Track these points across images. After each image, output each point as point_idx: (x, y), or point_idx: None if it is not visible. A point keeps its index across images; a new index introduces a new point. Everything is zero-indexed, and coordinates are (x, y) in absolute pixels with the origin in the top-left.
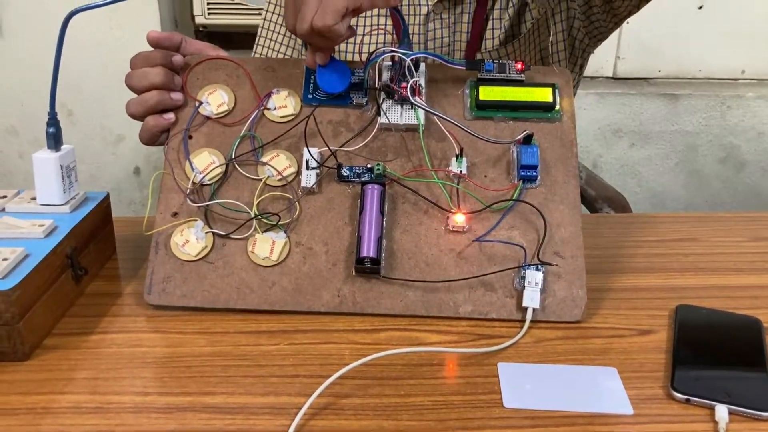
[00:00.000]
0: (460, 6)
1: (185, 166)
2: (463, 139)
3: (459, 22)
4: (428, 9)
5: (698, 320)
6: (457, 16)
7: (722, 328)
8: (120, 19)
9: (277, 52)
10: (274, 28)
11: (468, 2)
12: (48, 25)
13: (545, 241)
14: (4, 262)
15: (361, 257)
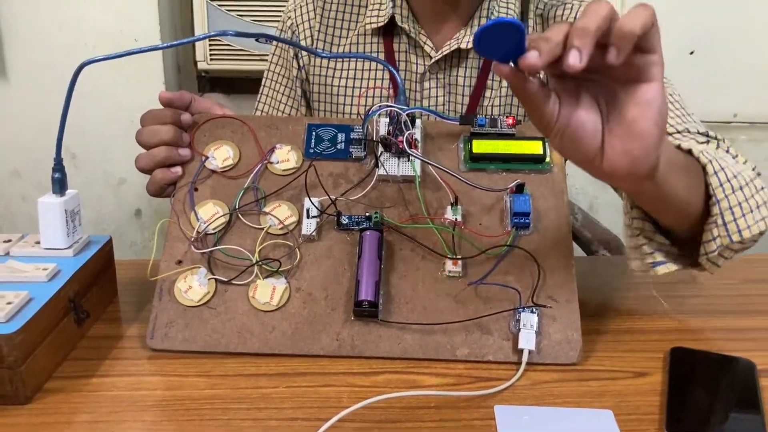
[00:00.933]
0: (456, 69)
1: (191, 217)
2: (457, 189)
3: (455, 84)
4: (424, 69)
5: (692, 363)
6: (453, 78)
7: (716, 370)
8: (124, 64)
9: (279, 102)
10: (278, 79)
11: (465, 66)
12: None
13: (539, 286)
14: (8, 306)
15: (360, 300)
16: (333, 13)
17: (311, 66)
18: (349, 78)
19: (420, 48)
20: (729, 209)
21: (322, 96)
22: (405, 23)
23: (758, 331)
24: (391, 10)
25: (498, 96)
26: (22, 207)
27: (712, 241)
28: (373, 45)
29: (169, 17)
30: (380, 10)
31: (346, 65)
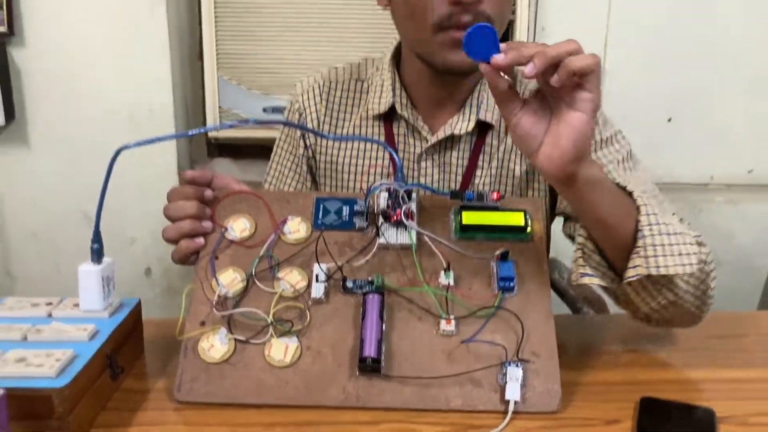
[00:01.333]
0: (450, 151)
1: (212, 282)
2: (449, 256)
3: (449, 164)
4: (421, 150)
5: (659, 411)
6: (447, 158)
7: (680, 418)
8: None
9: (286, 176)
10: (286, 156)
11: (458, 149)
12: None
13: (523, 343)
14: (57, 363)
15: (364, 357)
16: (337, 99)
17: (318, 145)
18: (353, 157)
19: (418, 132)
20: (653, 246)
21: (328, 172)
22: (404, 111)
23: (718, 382)
24: (392, 99)
25: (488, 175)
26: (38, 267)
27: (632, 269)
28: (375, 128)
29: (181, 90)
30: (381, 98)
31: (350, 145)
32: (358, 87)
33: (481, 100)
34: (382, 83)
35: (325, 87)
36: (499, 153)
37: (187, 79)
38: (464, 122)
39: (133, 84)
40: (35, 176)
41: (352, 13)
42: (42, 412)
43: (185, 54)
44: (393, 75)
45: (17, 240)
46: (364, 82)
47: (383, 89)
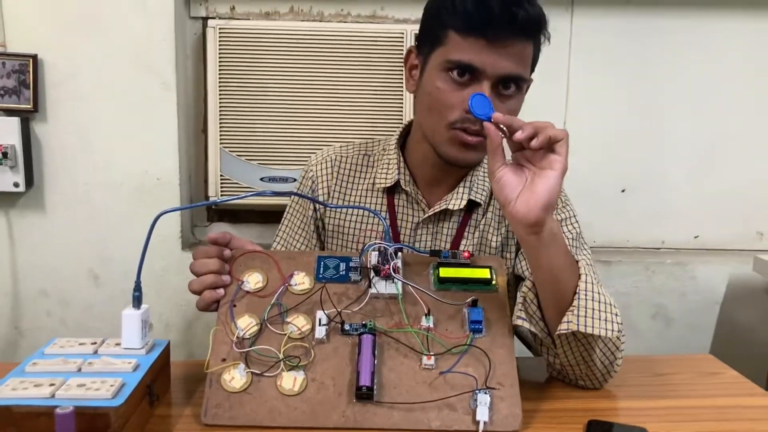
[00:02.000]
0: (442, 222)
1: (231, 326)
2: (429, 303)
3: (440, 233)
4: (418, 220)
5: (602, 430)
6: (439, 227)
7: None
8: (146, 199)
9: (295, 235)
10: (296, 216)
11: (449, 220)
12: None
13: (490, 374)
14: (112, 388)
15: (360, 386)
16: (346, 171)
17: (326, 211)
18: (356, 222)
19: (417, 204)
20: (585, 308)
21: (334, 234)
22: (407, 186)
23: (651, 409)
24: (397, 176)
25: (471, 243)
26: (47, 322)
27: (565, 323)
28: (379, 198)
29: (186, 160)
30: (388, 174)
31: (355, 212)
32: (366, 161)
33: (473, 183)
34: (389, 162)
35: (337, 160)
36: (480, 226)
37: (191, 151)
38: (457, 200)
39: (142, 156)
40: (49, 238)
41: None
42: (100, 427)
43: (191, 128)
44: (398, 155)
45: (27, 297)
46: (371, 157)
47: (389, 166)
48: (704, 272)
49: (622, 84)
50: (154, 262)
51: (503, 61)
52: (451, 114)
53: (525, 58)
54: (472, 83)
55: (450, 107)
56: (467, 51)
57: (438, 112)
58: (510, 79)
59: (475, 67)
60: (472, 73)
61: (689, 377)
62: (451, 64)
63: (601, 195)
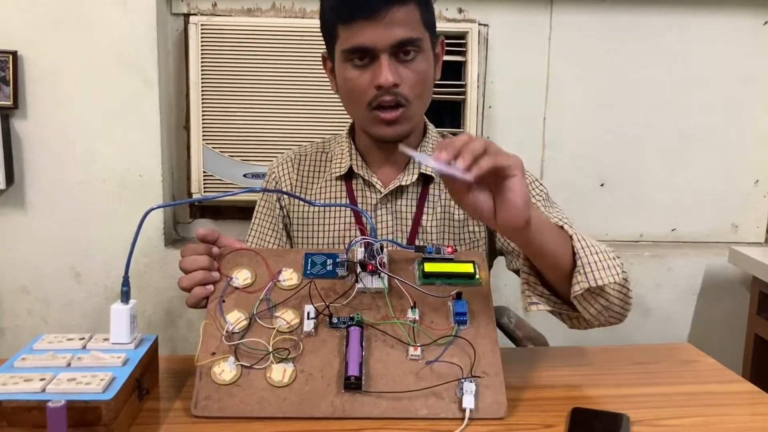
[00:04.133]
0: (399, 200)
1: (221, 321)
2: (415, 297)
3: (400, 211)
4: (376, 201)
5: (586, 417)
6: (398, 206)
7: (601, 421)
8: (128, 195)
9: (265, 235)
10: (264, 222)
11: (406, 198)
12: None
13: (475, 363)
14: (102, 382)
15: (348, 376)
16: (306, 167)
17: (291, 206)
18: (321, 211)
19: (372, 186)
20: (588, 264)
21: (300, 228)
22: (360, 170)
23: (633, 396)
24: (350, 162)
25: (434, 219)
26: (27, 320)
27: (577, 284)
28: (337, 186)
29: (168, 157)
30: (342, 162)
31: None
32: (323, 157)
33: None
34: (342, 152)
35: (296, 160)
36: (441, 201)
37: (173, 148)
38: (409, 176)
39: (124, 153)
40: (30, 236)
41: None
42: (91, 420)
43: (173, 124)
44: (350, 144)
45: (8, 295)
46: (327, 153)
47: (342, 156)
48: (681, 264)
49: (600, 80)
50: (137, 260)
51: (387, 32)
52: (364, 97)
53: (410, 20)
54: (373, 62)
55: (362, 91)
56: (354, 36)
57: (354, 100)
58: (403, 44)
59: (367, 47)
60: (367, 53)
61: (668, 365)
62: (347, 53)
63: (581, 189)
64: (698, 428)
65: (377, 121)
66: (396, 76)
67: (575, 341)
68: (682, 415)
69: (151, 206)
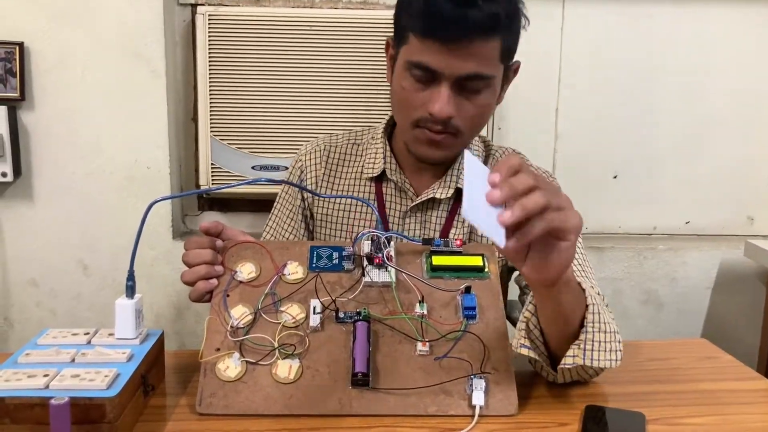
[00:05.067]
0: (431, 210)
1: (225, 316)
2: (423, 291)
3: (429, 221)
4: (406, 209)
5: (600, 415)
6: (427, 216)
7: (616, 420)
8: (135, 188)
9: (284, 225)
10: (286, 207)
11: (438, 209)
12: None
13: (485, 359)
14: (107, 378)
15: (356, 372)
16: (335, 161)
17: (315, 201)
18: (344, 211)
19: (405, 193)
20: (591, 341)
21: (323, 224)
22: (393, 175)
23: (649, 393)
24: (383, 165)
25: (461, 233)
26: (35, 313)
27: (571, 357)
28: (367, 187)
29: (176, 149)
30: (375, 163)
31: (343, 201)
32: (355, 150)
33: (460, 170)
34: (376, 151)
35: (326, 150)
36: None
37: (181, 140)
38: (444, 188)
39: (131, 145)
40: (37, 228)
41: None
42: (95, 417)
43: (180, 116)
44: (385, 144)
45: (17, 287)
46: (359, 146)
47: (376, 156)
48: (695, 258)
49: (613, 69)
50: (145, 252)
51: (460, 62)
52: (414, 113)
53: (487, 56)
54: (433, 83)
55: (414, 107)
56: (424, 53)
57: (403, 111)
58: (471, 78)
59: (433, 69)
60: (431, 73)
61: (684, 362)
62: (411, 65)
63: (593, 181)
64: (717, 427)
65: (421, 141)
66: (453, 108)
67: None
68: (699, 414)
69: (155, 198)
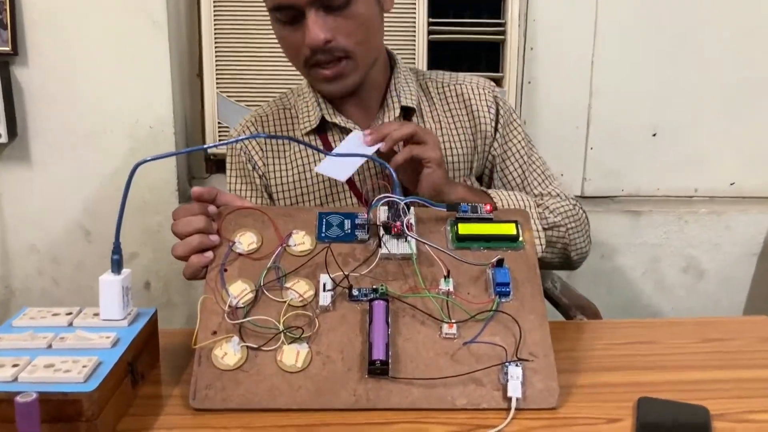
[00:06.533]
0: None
1: (222, 293)
2: (448, 264)
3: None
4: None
5: (656, 409)
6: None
7: (676, 415)
8: (138, 148)
9: None
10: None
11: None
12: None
13: (521, 343)
14: (84, 369)
15: (373, 360)
16: (271, 130)
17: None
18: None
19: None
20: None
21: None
22: (334, 118)
23: (710, 382)
24: (320, 112)
25: None
26: (38, 281)
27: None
28: (313, 143)
29: (180, 107)
30: (311, 115)
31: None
32: (287, 114)
33: (399, 90)
34: (306, 105)
35: (258, 123)
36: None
37: (186, 96)
38: (390, 111)
39: (133, 102)
40: (37, 192)
41: None
42: (71, 415)
43: (185, 71)
44: (314, 94)
45: (17, 254)
46: (290, 110)
47: (309, 108)
48: (741, 222)
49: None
50: (149, 218)
51: None
52: (299, 57)
53: None
54: (300, 19)
55: (296, 52)
56: None
57: (292, 60)
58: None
59: (288, 4)
60: (291, 11)
61: (747, 343)
62: (273, 12)
63: (630, 139)
64: None
65: (319, 80)
66: (326, 31)
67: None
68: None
69: (143, 159)
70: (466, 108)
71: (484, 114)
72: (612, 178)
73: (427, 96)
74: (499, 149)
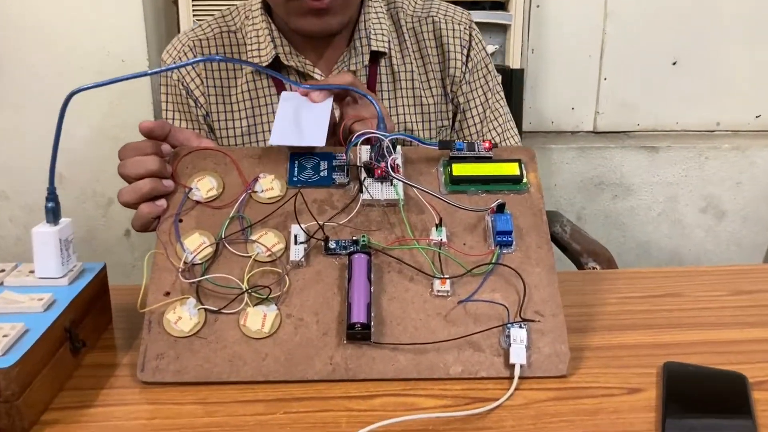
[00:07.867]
0: None
1: (176, 248)
2: (441, 211)
3: None
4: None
5: (686, 377)
6: None
7: (710, 385)
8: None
9: None
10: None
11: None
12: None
13: (525, 301)
14: (4, 339)
15: (352, 323)
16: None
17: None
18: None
19: (310, 77)
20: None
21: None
22: (291, 61)
23: (747, 343)
24: (274, 51)
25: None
26: (10, 230)
27: None
28: (262, 83)
29: (156, 39)
30: (261, 50)
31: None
32: (233, 40)
33: (369, 30)
34: (258, 35)
35: (197, 49)
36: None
37: (161, 26)
38: (358, 56)
39: (102, 33)
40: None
41: None
42: None
43: None
44: (269, 24)
45: None
46: (236, 33)
47: (260, 40)
48: (766, 157)
49: None
50: None
51: None
52: None
53: None
54: None
55: None
56: None
57: None
58: None
59: None
60: None
61: None
62: None
63: (648, 69)
64: None
65: (303, 11)
66: None
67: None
68: None
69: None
70: (438, 48)
71: (455, 56)
72: (627, 111)
73: (399, 32)
74: (462, 98)
